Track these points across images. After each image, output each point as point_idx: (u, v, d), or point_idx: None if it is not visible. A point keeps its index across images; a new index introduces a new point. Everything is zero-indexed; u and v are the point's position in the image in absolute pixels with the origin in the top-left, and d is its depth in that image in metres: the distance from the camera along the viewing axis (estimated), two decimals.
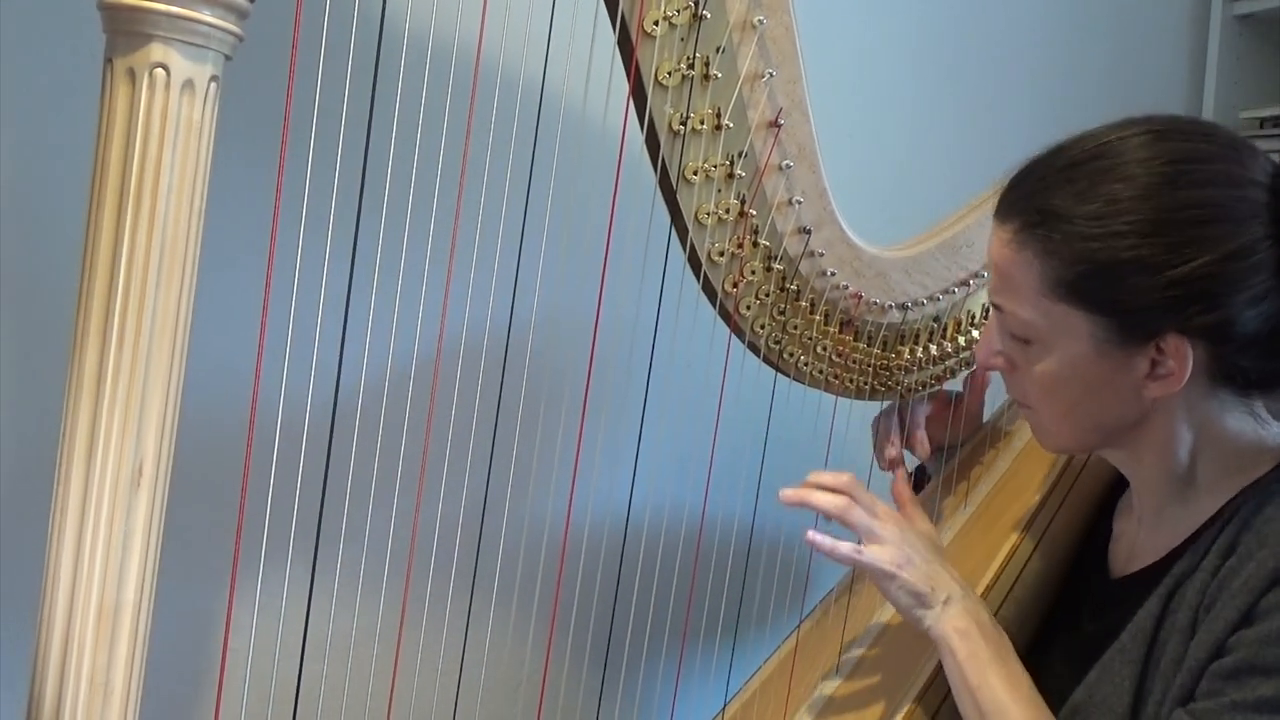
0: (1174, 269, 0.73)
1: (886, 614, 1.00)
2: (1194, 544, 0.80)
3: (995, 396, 1.14)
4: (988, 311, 1.06)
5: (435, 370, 0.91)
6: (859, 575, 1.08)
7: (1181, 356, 0.75)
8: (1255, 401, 0.80)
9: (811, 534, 0.85)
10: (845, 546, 0.85)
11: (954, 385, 1.11)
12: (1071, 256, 0.76)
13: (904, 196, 1.37)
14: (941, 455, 1.13)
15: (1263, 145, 1.49)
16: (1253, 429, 0.81)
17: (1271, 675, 0.70)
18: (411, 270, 0.82)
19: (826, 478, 0.89)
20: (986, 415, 1.18)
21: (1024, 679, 0.82)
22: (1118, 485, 0.98)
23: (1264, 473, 0.80)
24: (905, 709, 0.87)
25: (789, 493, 0.88)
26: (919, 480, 1.19)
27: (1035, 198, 0.79)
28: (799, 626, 1.05)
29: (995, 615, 0.92)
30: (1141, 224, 0.74)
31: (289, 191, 0.68)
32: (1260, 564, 0.74)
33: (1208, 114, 1.92)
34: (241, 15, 0.62)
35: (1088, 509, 0.98)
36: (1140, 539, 0.88)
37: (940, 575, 0.85)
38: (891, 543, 0.86)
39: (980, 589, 0.93)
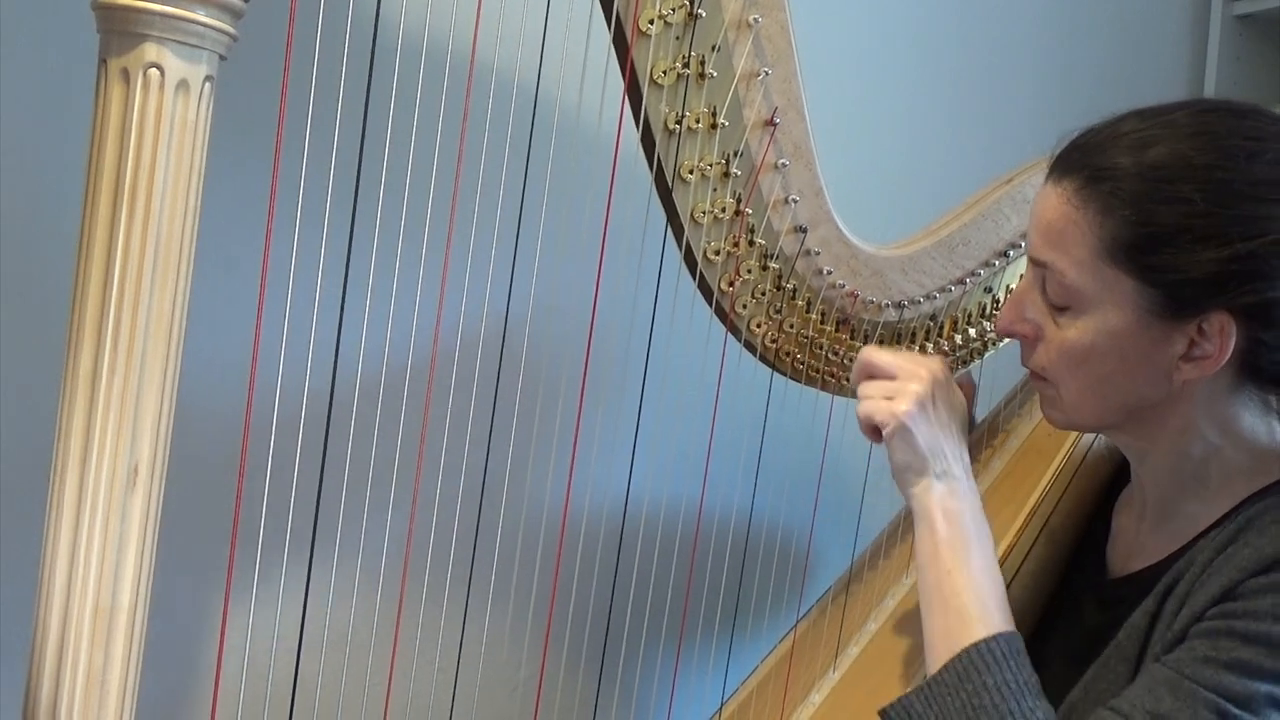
0: (1237, 243, 0.72)
1: (884, 614, 1.00)
2: (1195, 546, 0.80)
3: (989, 396, 1.14)
4: (984, 309, 1.06)
5: (430, 369, 0.91)
6: (855, 574, 1.08)
7: (1225, 336, 0.74)
8: (1271, 398, 0.80)
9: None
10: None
11: None
12: (1135, 217, 0.74)
13: (900, 195, 1.37)
14: None
15: None
16: (1266, 431, 0.80)
17: (1249, 642, 0.70)
18: (407, 269, 0.82)
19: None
20: (977, 415, 1.18)
21: (995, 586, 0.79)
22: (1116, 483, 0.97)
23: (1274, 480, 0.79)
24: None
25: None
26: None
27: (1102, 155, 0.76)
28: (795, 627, 1.05)
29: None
30: (1212, 192, 0.72)
31: (284, 190, 0.68)
32: (1256, 550, 0.74)
33: None
34: (236, 15, 0.62)
35: (1085, 507, 0.98)
36: (1141, 537, 0.87)
37: (948, 446, 0.83)
38: (908, 395, 0.84)
39: None
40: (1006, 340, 1.07)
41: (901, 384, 0.85)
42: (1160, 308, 0.75)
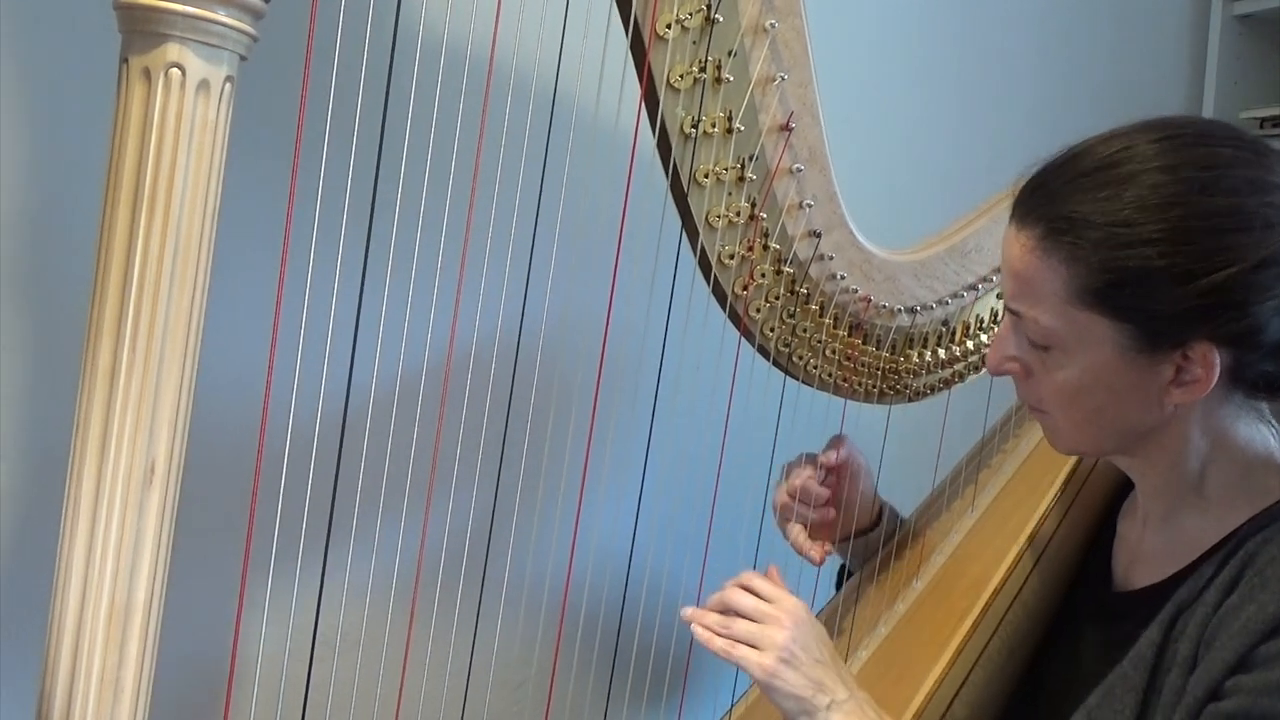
0: (1204, 278, 0.72)
1: (894, 618, 1.00)
2: (1197, 570, 0.79)
3: (1001, 398, 1.14)
4: (996, 315, 1.06)
5: (446, 371, 0.91)
6: (865, 579, 1.08)
7: (1209, 364, 0.74)
8: (1263, 406, 0.80)
9: (686, 612, 0.85)
10: (720, 642, 0.83)
11: (958, 388, 1.11)
12: (1099, 264, 0.74)
13: (913, 200, 1.38)
14: (849, 549, 1.12)
15: None
16: (1262, 439, 0.80)
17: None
18: (424, 270, 0.82)
19: (717, 602, 0.86)
20: (989, 419, 1.18)
21: None
22: (1124, 488, 0.97)
23: (1274, 501, 0.79)
24: (914, 707, 0.88)
25: (689, 612, 0.86)
26: (841, 580, 1.18)
27: (1060, 203, 0.77)
28: None
29: (1003, 618, 0.92)
30: (1171, 232, 0.72)
31: (302, 192, 0.68)
32: (1261, 607, 0.73)
33: (1207, 114, 1.92)
34: (257, 16, 0.62)
35: (1094, 513, 0.98)
36: (1144, 545, 0.87)
37: (825, 675, 0.82)
38: (773, 646, 0.82)
39: (988, 591, 0.94)
40: None
41: (764, 632, 0.83)
42: (1140, 343, 0.76)
